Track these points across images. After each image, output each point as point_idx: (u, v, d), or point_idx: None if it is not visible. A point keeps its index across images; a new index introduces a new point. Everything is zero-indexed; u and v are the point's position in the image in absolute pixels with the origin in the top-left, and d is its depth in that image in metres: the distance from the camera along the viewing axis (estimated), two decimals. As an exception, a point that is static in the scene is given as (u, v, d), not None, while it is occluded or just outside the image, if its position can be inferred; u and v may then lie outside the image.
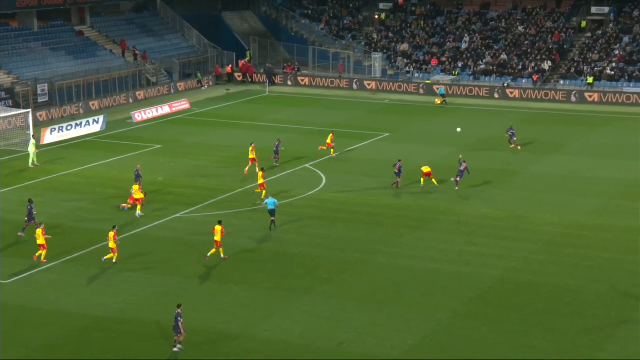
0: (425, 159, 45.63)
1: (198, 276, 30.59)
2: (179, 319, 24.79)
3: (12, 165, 45.80)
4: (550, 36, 72.97)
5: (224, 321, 26.95)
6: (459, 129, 52.31)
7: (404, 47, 75.42)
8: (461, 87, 67.42)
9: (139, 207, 36.95)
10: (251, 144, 43.93)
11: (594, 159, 47.43)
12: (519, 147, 49.16)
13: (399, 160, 41.04)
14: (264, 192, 38.53)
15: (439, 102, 63.23)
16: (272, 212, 35.13)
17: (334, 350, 25.17)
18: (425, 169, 41.23)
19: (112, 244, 31.28)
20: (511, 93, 66.19)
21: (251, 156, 43.22)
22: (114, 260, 31.44)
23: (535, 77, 67.53)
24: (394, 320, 27.06)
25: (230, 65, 73.98)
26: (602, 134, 53.97)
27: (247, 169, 43.07)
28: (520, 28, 74.76)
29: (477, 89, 67.11)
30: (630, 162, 46.38)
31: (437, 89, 65.20)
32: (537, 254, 32.83)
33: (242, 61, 74.31)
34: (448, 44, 74.80)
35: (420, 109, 62.12)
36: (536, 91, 65.81)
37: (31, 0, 63.24)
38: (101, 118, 54.77)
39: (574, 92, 64.76)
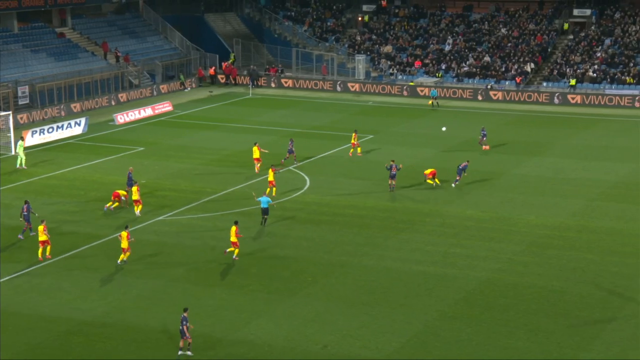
0: (410, 161, 45.75)
1: (182, 279, 30.45)
2: (185, 322, 24.61)
3: (-7, 168, 45.42)
4: (532, 38, 73.38)
5: (208, 324, 26.84)
6: (444, 128, 52.54)
7: (388, 49, 75.55)
8: (444, 89, 67.62)
9: (139, 207, 37.02)
10: (255, 144, 44.18)
11: (577, 160, 47.71)
12: (487, 147, 49.75)
13: (392, 161, 40.71)
14: (274, 189, 39.40)
15: (431, 103, 63.44)
16: (265, 211, 35.81)
17: (319, 353, 25.13)
18: (428, 170, 41.64)
19: (124, 244, 31.26)
20: (494, 95, 66.48)
21: (255, 156, 43.55)
22: (124, 259, 31.44)
23: (518, 79, 67.88)
24: (380, 322, 27.06)
25: (214, 67, 73.81)
26: (585, 136, 54.32)
27: (257, 167, 43.65)
28: (503, 30, 75.12)
29: (460, 90, 67.35)
30: (613, 164, 46.70)
31: (430, 90, 65.38)
32: (522, 255, 32.96)
33: (226, 63, 74.17)
34: (431, 45, 75.02)
35: (404, 111, 62.25)
36: (519, 93, 66.13)
37: (11, 1, 62.75)
38: (83, 120, 54.47)
39: (556, 94, 65.13)
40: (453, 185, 41.58)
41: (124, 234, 31.42)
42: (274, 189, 39.43)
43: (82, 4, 69.89)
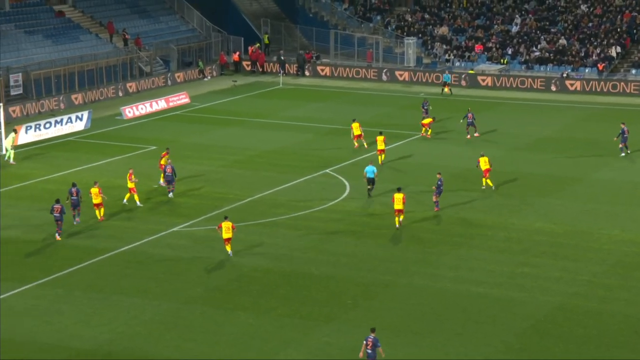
0: (468, 163, 45.61)
1: (199, 301, 30.71)
2: (378, 345, 25.01)
3: (-19, 169, 46.28)
4: (619, 16, 72.71)
5: (230, 354, 27.02)
6: (235, 82, 54.99)
7: (443, 30, 75.43)
8: (511, 78, 67.31)
9: (136, 196, 39.92)
10: (354, 120, 49.42)
11: (671, 163, 47.23)
12: (477, 135, 51.71)
13: (438, 174, 40.24)
14: (382, 156, 45.96)
15: (448, 90, 63.71)
16: (370, 181, 40.47)
17: (360, 390, 25.20)
18: (484, 166, 41.77)
19: (228, 234, 34.03)
20: (571, 85, 65.99)
21: (357, 132, 48.86)
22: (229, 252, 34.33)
23: (600, 66, 67.29)
24: (432, 354, 27.03)
25: (238, 53, 74.30)
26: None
27: (365, 143, 49.02)
28: (583, 7, 74.56)
29: (530, 80, 66.97)
30: None
31: (442, 75, 66.16)
32: (604, 277, 32.68)
33: (252, 47, 74.62)
34: (495, 26, 74.74)
35: (461, 104, 62.02)
36: (602, 82, 65.56)
37: (2, -26, 63.91)
38: (85, 114, 55.19)
39: (648, 84, 64.51)
40: (622, 154, 47.21)
41: (229, 224, 33.95)
42: (383, 155, 45.85)
43: (85, -22, 70.92)
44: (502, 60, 70.73)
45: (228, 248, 34.29)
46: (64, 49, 64.62)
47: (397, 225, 37.13)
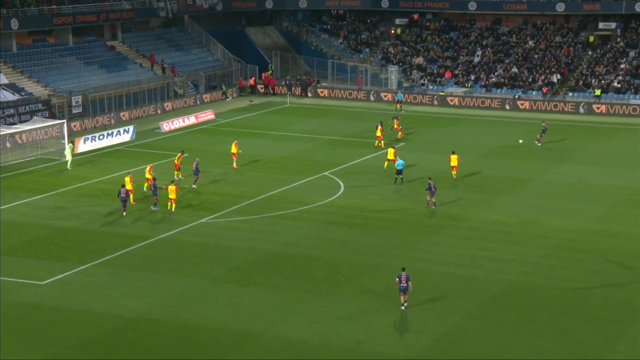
0: (440, 167, 45.51)
1: (222, 279, 30.67)
2: (410, 278, 27.18)
3: (48, 172, 46.20)
4: (559, 50, 72.59)
5: (247, 321, 27.01)
6: (520, 141, 52.47)
7: (419, 60, 75.32)
8: (474, 99, 67.23)
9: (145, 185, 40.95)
10: (235, 139, 47.82)
11: (601, 167, 47.06)
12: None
13: (429, 179, 39.43)
14: (387, 163, 45.87)
15: (398, 107, 63.51)
16: (399, 171, 41.93)
17: (352, 349, 25.15)
18: (454, 162, 42.56)
19: (173, 195, 37.19)
20: (522, 104, 65.87)
21: (233, 151, 46.53)
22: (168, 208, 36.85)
23: (545, 90, 67.18)
24: (410, 321, 26.97)
25: (253, 78, 74.18)
26: (609, 144, 53.54)
27: (235, 163, 46.62)
28: (531, 42, 74.43)
29: (489, 100, 66.87)
30: (636, 171, 45.95)
31: (396, 93, 66.23)
32: (548, 258, 32.61)
33: (265, 74, 74.54)
34: (461, 57, 74.62)
35: (434, 119, 62.02)
36: (546, 102, 65.43)
37: (67, 17, 63.88)
38: (131, 128, 55.12)
39: (582, 104, 64.30)
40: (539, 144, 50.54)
41: (174, 187, 37.19)
42: (387, 163, 45.76)
43: (132, 19, 70.79)
44: (466, 85, 70.59)
45: (170, 206, 37.12)
46: (115, 76, 64.55)
47: (454, 177, 41.41)
